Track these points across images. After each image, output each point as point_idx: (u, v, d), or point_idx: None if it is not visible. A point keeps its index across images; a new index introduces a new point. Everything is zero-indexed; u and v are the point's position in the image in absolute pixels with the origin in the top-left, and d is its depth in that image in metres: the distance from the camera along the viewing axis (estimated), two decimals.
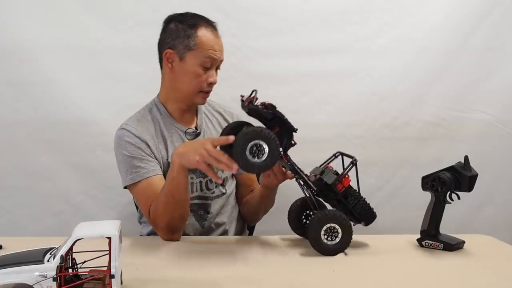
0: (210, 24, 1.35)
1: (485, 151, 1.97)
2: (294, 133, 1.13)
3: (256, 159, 1.00)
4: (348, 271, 1.01)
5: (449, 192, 1.16)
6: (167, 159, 1.35)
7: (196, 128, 1.42)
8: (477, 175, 1.15)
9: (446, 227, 1.20)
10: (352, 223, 1.15)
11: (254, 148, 0.99)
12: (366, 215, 1.18)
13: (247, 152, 0.99)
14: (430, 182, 1.18)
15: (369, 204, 1.19)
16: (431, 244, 1.18)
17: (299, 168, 1.16)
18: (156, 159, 1.34)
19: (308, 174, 1.17)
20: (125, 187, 1.35)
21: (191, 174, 1.36)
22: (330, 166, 1.21)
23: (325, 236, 1.09)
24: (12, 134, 1.78)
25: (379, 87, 1.95)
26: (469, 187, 1.15)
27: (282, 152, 1.12)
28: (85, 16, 1.78)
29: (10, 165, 1.79)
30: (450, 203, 1.17)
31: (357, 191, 1.17)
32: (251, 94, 1.14)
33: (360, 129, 1.96)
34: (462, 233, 1.24)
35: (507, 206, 2.05)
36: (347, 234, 1.10)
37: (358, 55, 1.92)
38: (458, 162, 1.17)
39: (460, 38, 1.94)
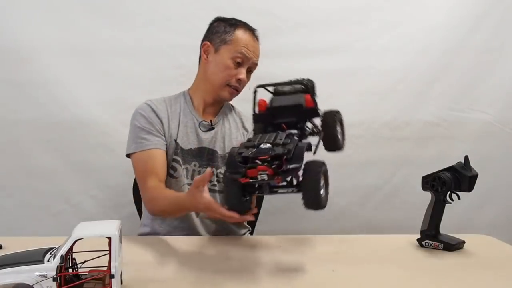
0: (249, 28, 1.43)
1: (485, 151, 1.97)
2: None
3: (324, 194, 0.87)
4: (348, 271, 1.01)
5: (449, 192, 1.16)
6: (175, 140, 1.40)
7: (211, 122, 1.45)
8: (477, 175, 1.15)
9: (446, 227, 1.20)
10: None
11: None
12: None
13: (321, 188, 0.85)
14: (430, 182, 1.18)
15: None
16: (431, 244, 1.18)
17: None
18: (165, 137, 1.39)
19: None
20: (128, 156, 1.39)
21: (194, 161, 1.42)
22: (265, 102, 1.03)
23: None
24: (12, 134, 1.78)
25: (379, 87, 1.95)
26: (469, 187, 1.14)
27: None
28: (85, 16, 1.78)
29: (10, 165, 1.79)
30: (450, 203, 1.17)
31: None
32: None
33: (360, 129, 1.96)
34: (462, 233, 1.24)
35: (507, 206, 2.05)
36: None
37: (358, 55, 1.92)
38: (458, 162, 1.17)
39: (460, 38, 1.94)
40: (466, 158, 1.17)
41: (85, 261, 0.82)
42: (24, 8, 1.74)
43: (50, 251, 0.79)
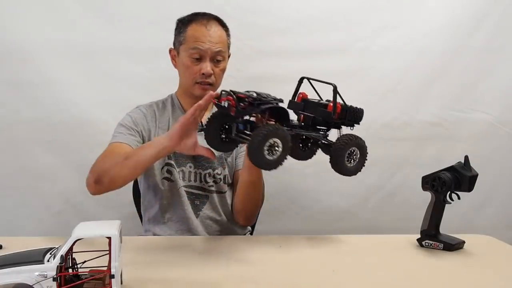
0: (203, 18, 1.39)
1: (485, 151, 1.98)
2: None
3: (270, 157, 0.97)
4: (348, 271, 1.01)
5: (449, 192, 1.16)
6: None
7: (201, 122, 1.44)
8: (477, 175, 1.15)
9: (446, 227, 1.20)
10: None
11: (269, 146, 0.96)
12: (358, 115, 1.17)
13: (265, 150, 0.95)
14: (430, 182, 1.18)
15: (350, 105, 1.16)
16: (431, 244, 1.18)
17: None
18: (143, 140, 1.39)
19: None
20: None
21: (189, 163, 1.41)
22: (306, 95, 1.17)
23: (347, 158, 1.11)
24: (12, 134, 1.78)
25: (379, 87, 1.95)
26: (469, 187, 1.14)
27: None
28: (85, 16, 1.78)
29: (10, 165, 1.79)
30: (450, 203, 1.17)
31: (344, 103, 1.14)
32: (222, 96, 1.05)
33: (360, 129, 1.95)
34: (462, 233, 1.24)
35: (507, 206, 2.05)
36: (363, 158, 1.14)
37: (358, 55, 1.92)
38: (458, 162, 1.17)
39: (460, 38, 1.94)
40: (466, 158, 1.17)
41: (85, 261, 0.82)
42: (24, 8, 1.74)
43: (50, 251, 0.79)
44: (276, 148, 0.97)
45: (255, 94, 1.00)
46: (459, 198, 1.17)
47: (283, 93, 1.91)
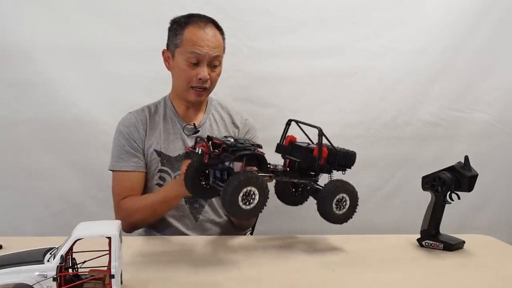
0: (200, 21, 1.35)
1: (485, 151, 1.98)
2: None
3: (247, 206, 0.95)
4: (348, 271, 1.01)
5: (449, 192, 1.16)
6: (154, 149, 1.41)
7: (194, 125, 1.43)
8: (477, 175, 1.15)
9: (446, 227, 1.20)
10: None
11: (245, 195, 0.94)
12: (350, 158, 1.13)
13: (240, 200, 0.93)
14: (430, 182, 1.18)
15: (342, 149, 1.14)
16: (431, 244, 1.18)
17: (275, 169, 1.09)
18: (143, 152, 1.41)
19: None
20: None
21: None
22: (294, 138, 1.13)
23: (335, 206, 1.08)
24: (12, 134, 1.78)
25: (379, 87, 1.95)
26: (469, 187, 1.15)
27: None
28: (85, 16, 1.78)
29: (10, 165, 1.79)
30: (450, 203, 1.17)
31: (333, 147, 1.11)
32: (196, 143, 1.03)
33: (360, 129, 1.96)
34: (462, 233, 1.24)
35: (507, 206, 2.05)
36: (354, 205, 1.11)
37: (358, 55, 1.92)
38: (458, 162, 1.17)
39: (460, 38, 1.94)
40: (466, 158, 1.17)
41: (85, 261, 0.82)
42: (24, 8, 1.74)
43: (50, 251, 0.79)
44: (253, 196, 0.94)
45: (232, 140, 0.98)
46: (459, 198, 1.17)
47: (283, 93, 1.93)
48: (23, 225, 1.80)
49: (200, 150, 0.98)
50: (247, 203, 0.94)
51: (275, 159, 1.15)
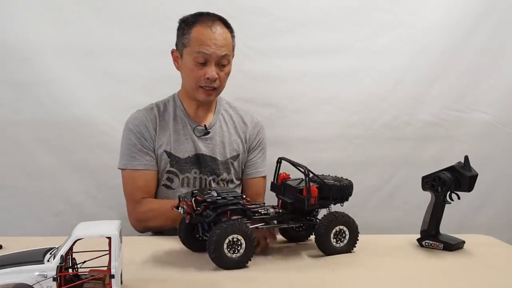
0: (208, 19, 1.35)
1: (485, 151, 1.97)
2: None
3: (234, 255, 0.96)
4: (348, 271, 1.01)
5: (449, 192, 1.16)
6: (164, 150, 1.40)
7: (205, 126, 1.43)
8: (477, 175, 1.15)
9: (446, 227, 1.20)
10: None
11: (231, 244, 0.95)
12: (346, 190, 1.11)
13: (225, 248, 0.95)
14: (430, 182, 1.18)
15: (336, 180, 1.13)
16: (431, 244, 1.18)
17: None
18: (154, 151, 1.39)
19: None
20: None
21: (194, 169, 1.41)
22: (287, 176, 1.13)
23: (334, 239, 1.08)
24: (12, 134, 1.78)
25: (379, 87, 1.95)
26: (469, 187, 1.14)
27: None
28: (85, 16, 1.78)
29: (10, 165, 1.79)
30: (450, 203, 1.17)
31: (324, 181, 1.09)
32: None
33: (360, 129, 1.96)
34: (462, 233, 1.24)
35: (507, 206, 2.05)
36: (354, 235, 1.10)
37: (358, 55, 1.92)
38: (458, 162, 1.17)
39: (460, 38, 1.94)
40: (466, 158, 1.16)
41: (85, 261, 0.82)
42: (24, 8, 1.74)
43: (50, 251, 0.79)
44: (239, 244, 0.95)
45: (215, 194, 1.00)
46: (459, 198, 1.17)
47: (283, 93, 1.93)
48: (23, 225, 1.80)
49: (182, 210, 1.01)
50: (234, 251, 0.96)
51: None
